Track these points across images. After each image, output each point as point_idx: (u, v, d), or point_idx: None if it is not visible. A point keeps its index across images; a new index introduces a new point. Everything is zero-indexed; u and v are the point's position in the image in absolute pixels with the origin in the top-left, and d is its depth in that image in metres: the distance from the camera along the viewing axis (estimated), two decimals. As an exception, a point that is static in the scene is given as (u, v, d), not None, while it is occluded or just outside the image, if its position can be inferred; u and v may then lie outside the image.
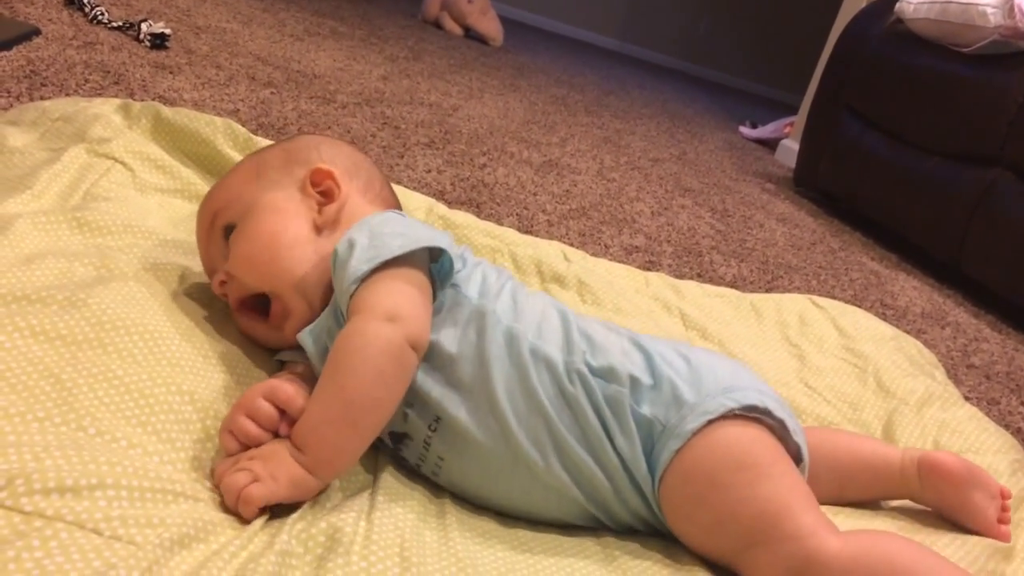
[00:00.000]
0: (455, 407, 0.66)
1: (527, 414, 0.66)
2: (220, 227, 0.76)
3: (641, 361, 0.70)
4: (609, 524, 0.69)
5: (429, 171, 1.68)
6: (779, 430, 0.68)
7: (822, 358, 1.11)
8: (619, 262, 1.45)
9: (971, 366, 1.55)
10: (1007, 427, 1.28)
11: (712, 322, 1.14)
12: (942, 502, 0.80)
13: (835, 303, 1.30)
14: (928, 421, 0.99)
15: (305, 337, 0.70)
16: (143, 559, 0.51)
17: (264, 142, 1.12)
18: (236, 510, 0.58)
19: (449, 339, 0.68)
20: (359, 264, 0.66)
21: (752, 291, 1.55)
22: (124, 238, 0.82)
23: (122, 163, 0.98)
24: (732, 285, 1.59)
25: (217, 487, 0.60)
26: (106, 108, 1.07)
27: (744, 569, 0.64)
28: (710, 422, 0.65)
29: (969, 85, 2.13)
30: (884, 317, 1.63)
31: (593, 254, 1.43)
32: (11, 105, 1.25)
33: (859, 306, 1.65)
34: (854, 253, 2.18)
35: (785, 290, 1.67)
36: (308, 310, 0.73)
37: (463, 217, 1.19)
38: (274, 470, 0.60)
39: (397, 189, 1.24)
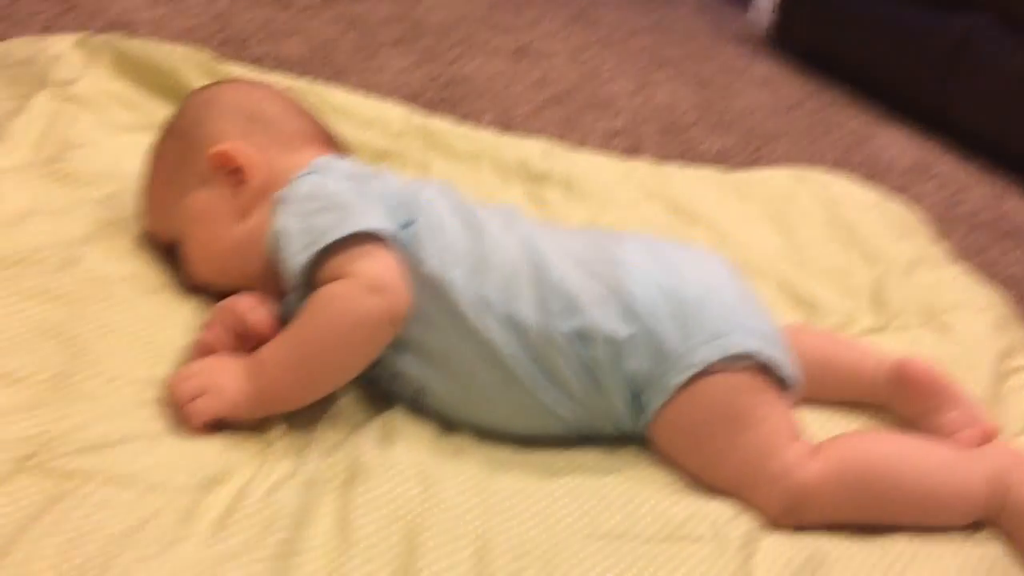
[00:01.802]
0: (434, 381, 0.67)
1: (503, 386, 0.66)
2: (168, 246, 0.75)
3: (617, 309, 0.66)
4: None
5: (402, 71, 1.65)
6: (768, 367, 0.67)
7: (808, 231, 1.12)
8: (601, 149, 1.44)
9: (956, 217, 1.57)
10: (995, 275, 1.30)
11: (697, 205, 1.14)
12: (912, 414, 0.77)
13: (818, 174, 1.30)
14: (916, 284, 1.01)
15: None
16: (179, 507, 0.54)
17: (230, 68, 1.11)
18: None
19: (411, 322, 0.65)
20: (296, 255, 0.64)
21: (737, 164, 1.54)
22: (105, 186, 0.81)
23: (90, 104, 0.96)
24: (717, 160, 1.58)
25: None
26: (64, 46, 1.04)
27: (745, 502, 0.66)
28: (695, 375, 0.65)
29: (945, -75, 2.07)
30: (868, 176, 1.63)
31: (575, 143, 1.42)
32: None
33: (843, 167, 1.66)
34: (836, 112, 2.16)
35: (770, 159, 1.67)
36: (280, 286, 0.69)
37: (440, 124, 1.17)
38: (223, 383, 0.61)
39: (372, 98, 1.21)
